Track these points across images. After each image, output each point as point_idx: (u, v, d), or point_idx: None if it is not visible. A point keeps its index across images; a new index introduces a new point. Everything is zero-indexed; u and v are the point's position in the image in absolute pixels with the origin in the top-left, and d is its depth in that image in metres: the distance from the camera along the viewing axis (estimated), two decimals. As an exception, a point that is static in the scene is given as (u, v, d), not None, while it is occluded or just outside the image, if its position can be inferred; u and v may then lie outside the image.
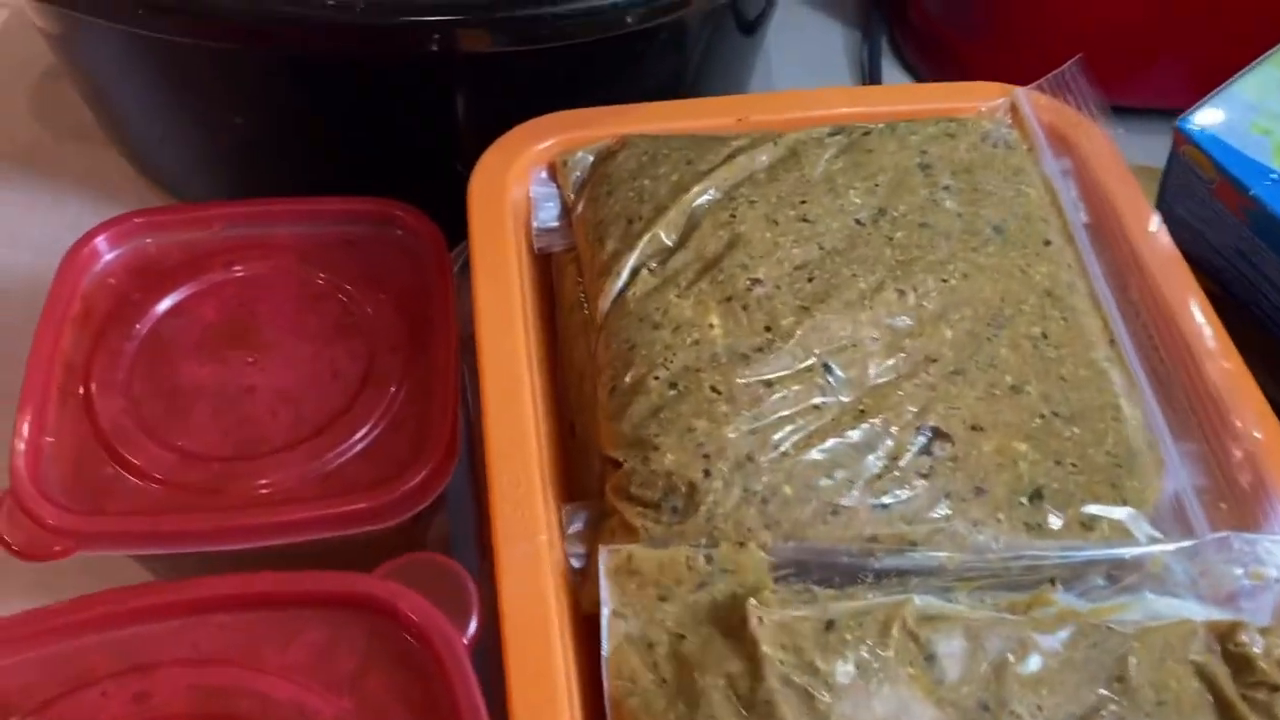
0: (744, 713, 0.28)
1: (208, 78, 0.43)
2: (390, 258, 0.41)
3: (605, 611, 0.30)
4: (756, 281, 0.36)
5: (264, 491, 0.35)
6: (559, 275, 0.40)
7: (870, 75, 0.61)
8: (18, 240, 0.52)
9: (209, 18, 0.37)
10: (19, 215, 0.53)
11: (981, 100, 0.43)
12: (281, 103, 0.45)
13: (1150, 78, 0.56)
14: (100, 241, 0.40)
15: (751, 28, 0.51)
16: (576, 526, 0.33)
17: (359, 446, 0.36)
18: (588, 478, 0.35)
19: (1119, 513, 0.32)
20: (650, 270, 0.37)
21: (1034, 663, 0.29)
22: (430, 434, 0.36)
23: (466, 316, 0.43)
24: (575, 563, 0.33)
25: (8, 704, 0.28)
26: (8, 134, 0.57)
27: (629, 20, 0.38)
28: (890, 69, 0.62)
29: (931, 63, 0.61)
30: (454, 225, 0.42)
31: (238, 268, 0.40)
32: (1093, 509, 0.32)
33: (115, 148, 0.55)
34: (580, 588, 0.32)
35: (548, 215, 0.40)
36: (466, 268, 0.45)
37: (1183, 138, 0.42)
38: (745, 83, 0.54)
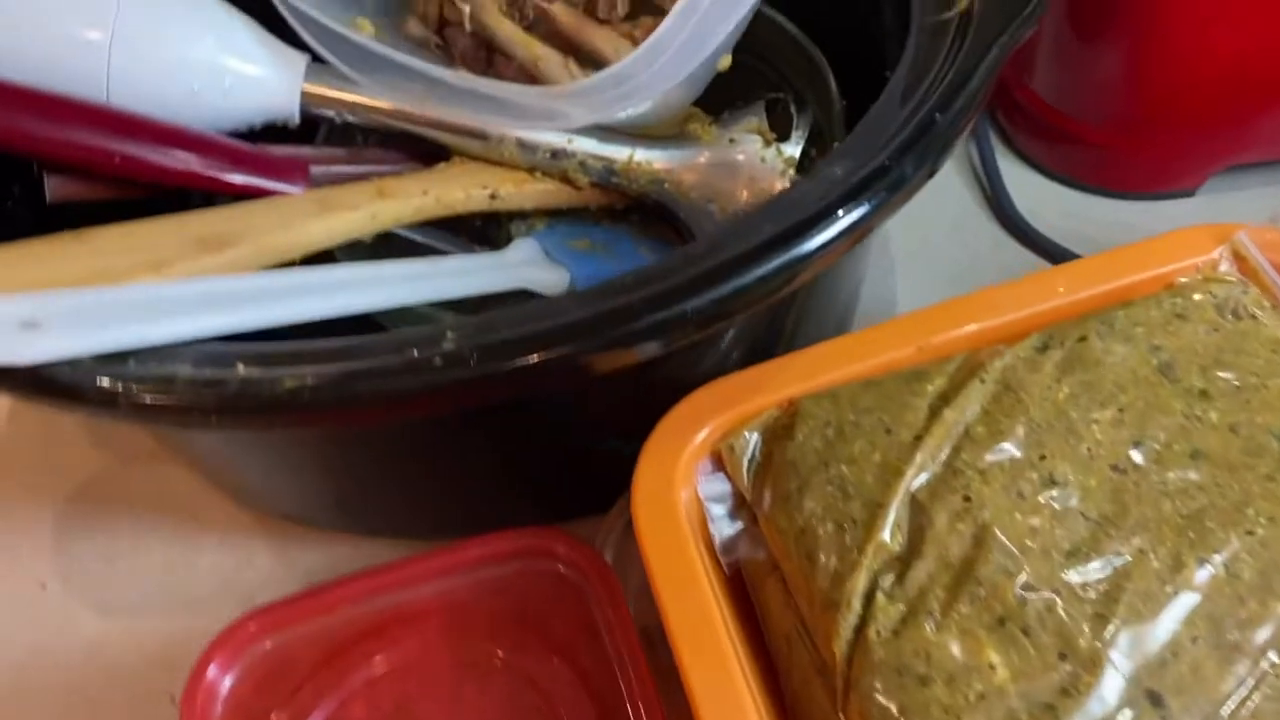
0: None
1: (314, 445, 0.38)
2: (551, 600, 0.35)
3: None
4: (1028, 589, 0.29)
5: None
6: (758, 590, 0.33)
7: (988, 173, 0.54)
8: (109, 605, 0.46)
9: (316, 420, 0.31)
10: (102, 574, 0.47)
11: (1194, 253, 0.36)
12: (403, 455, 0.39)
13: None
14: (213, 671, 0.34)
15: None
16: None
17: None
18: None
19: None
20: (887, 593, 0.30)
21: None
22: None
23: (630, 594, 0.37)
24: None
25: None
26: (70, 467, 0.51)
27: (782, 291, 0.32)
28: (1004, 159, 0.55)
29: (1050, 149, 0.54)
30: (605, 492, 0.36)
31: (378, 658, 0.34)
32: None
33: (188, 467, 0.49)
34: None
35: (725, 522, 0.34)
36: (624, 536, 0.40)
37: None
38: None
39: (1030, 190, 0.53)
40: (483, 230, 0.46)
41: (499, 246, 0.47)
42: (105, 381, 0.31)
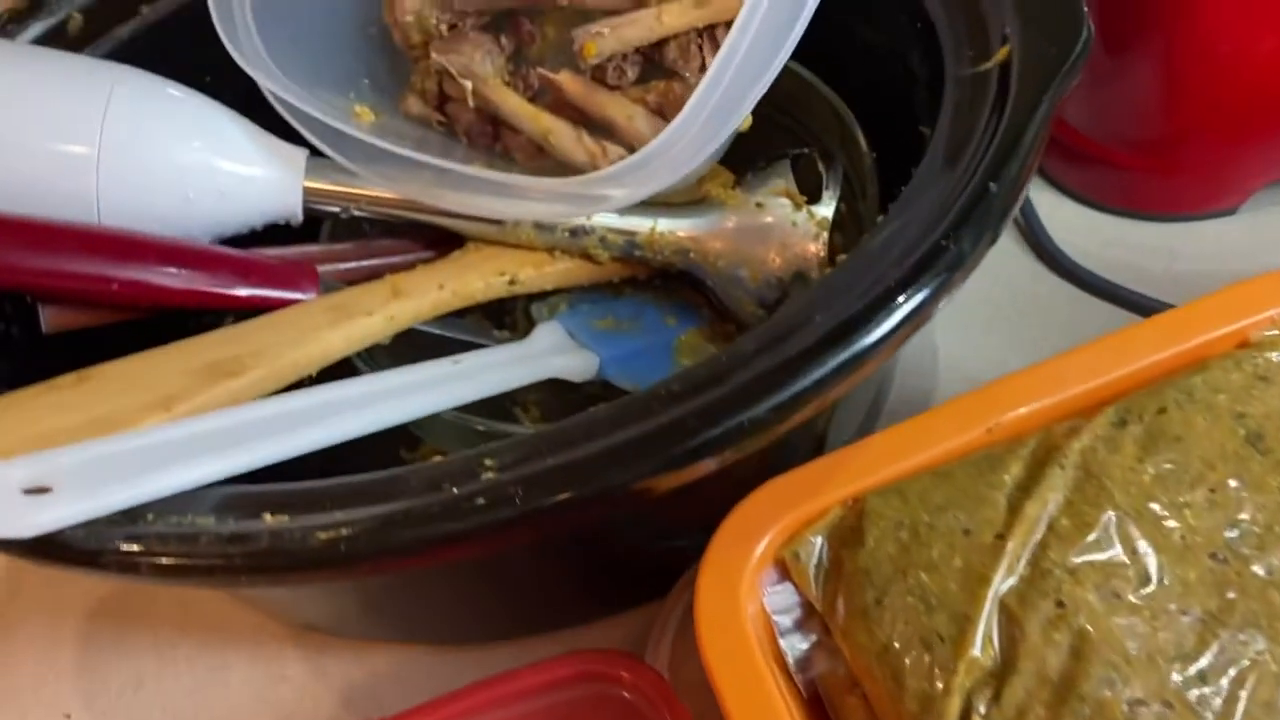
0: None
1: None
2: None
3: None
4: (1137, 704, 0.27)
5: None
6: (838, 709, 0.31)
7: (1021, 206, 0.51)
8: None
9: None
10: (127, 699, 0.45)
11: (1267, 304, 0.34)
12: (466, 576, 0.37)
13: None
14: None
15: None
16: None
17: None
18: None
19: None
20: (983, 716, 0.28)
21: None
22: None
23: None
24: None
25: None
26: (80, 585, 0.49)
27: (843, 389, 0.29)
28: (1035, 188, 0.52)
29: (1082, 174, 0.51)
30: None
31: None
32: None
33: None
34: None
35: (797, 637, 0.31)
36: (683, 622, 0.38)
37: None
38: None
39: (1065, 218, 0.51)
40: (499, 308, 0.44)
41: (517, 324, 0.45)
42: (123, 545, 0.29)
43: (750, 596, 0.31)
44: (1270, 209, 0.50)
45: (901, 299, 0.30)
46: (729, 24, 0.34)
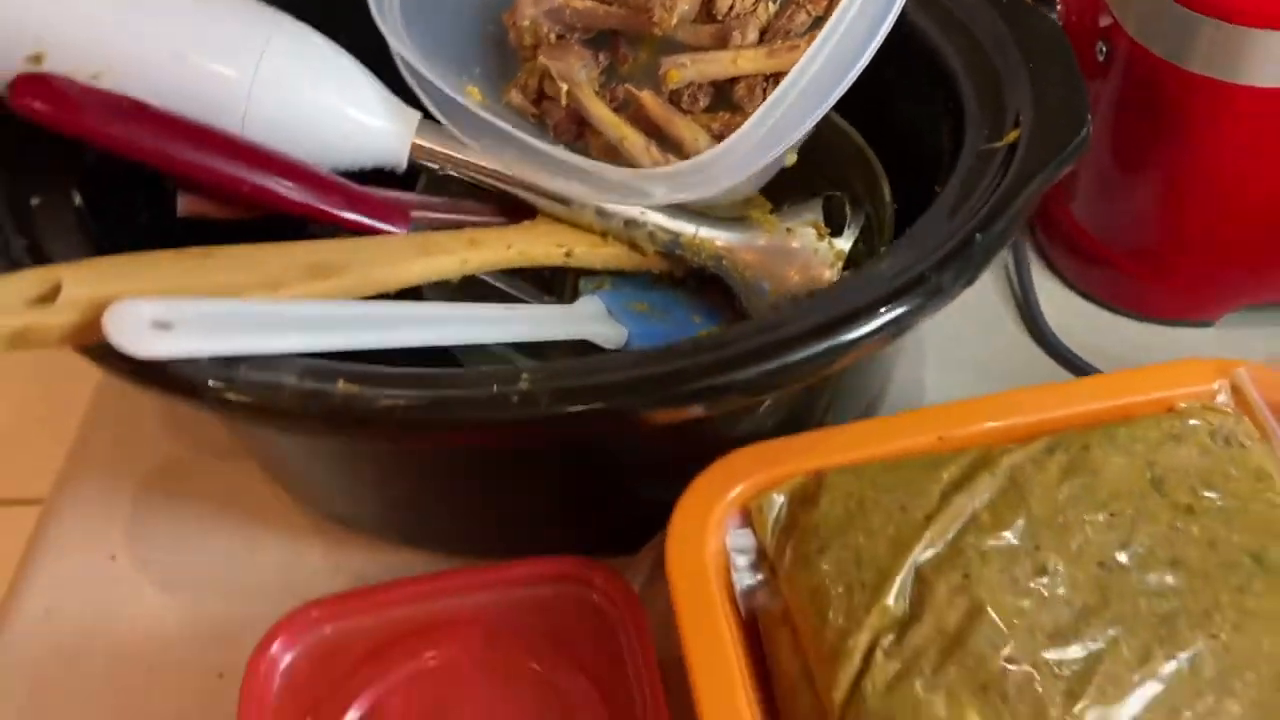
0: None
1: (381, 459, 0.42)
2: (585, 629, 0.39)
3: None
4: (1011, 661, 0.32)
5: None
6: (770, 638, 0.37)
7: (1021, 283, 0.58)
8: (173, 584, 0.51)
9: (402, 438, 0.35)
10: (169, 552, 0.52)
11: (1196, 382, 0.40)
12: (458, 476, 0.43)
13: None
14: (277, 648, 0.38)
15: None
16: None
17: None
18: None
19: None
20: (886, 651, 0.33)
21: None
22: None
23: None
24: None
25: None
26: (143, 455, 0.56)
27: (821, 373, 0.36)
28: (1038, 272, 0.59)
29: (1082, 269, 0.58)
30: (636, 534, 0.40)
31: (422, 655, 0.38)
32: None
33: (256, 463, 0.53)
34: None
35: (747, 573, 0.37)
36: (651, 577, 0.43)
37: None
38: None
39: (1059, 302, 0.57)
40: (551, 279, 0.51)
41: (564, 296, 0.51)
42: (219, 383, 0.35)
43: (715, 532, 0.37)
44: (1242, 327, 0.55)
45: (883, 310, 0.36)
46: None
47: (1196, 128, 0.49)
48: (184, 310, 0.36)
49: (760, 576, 0.37)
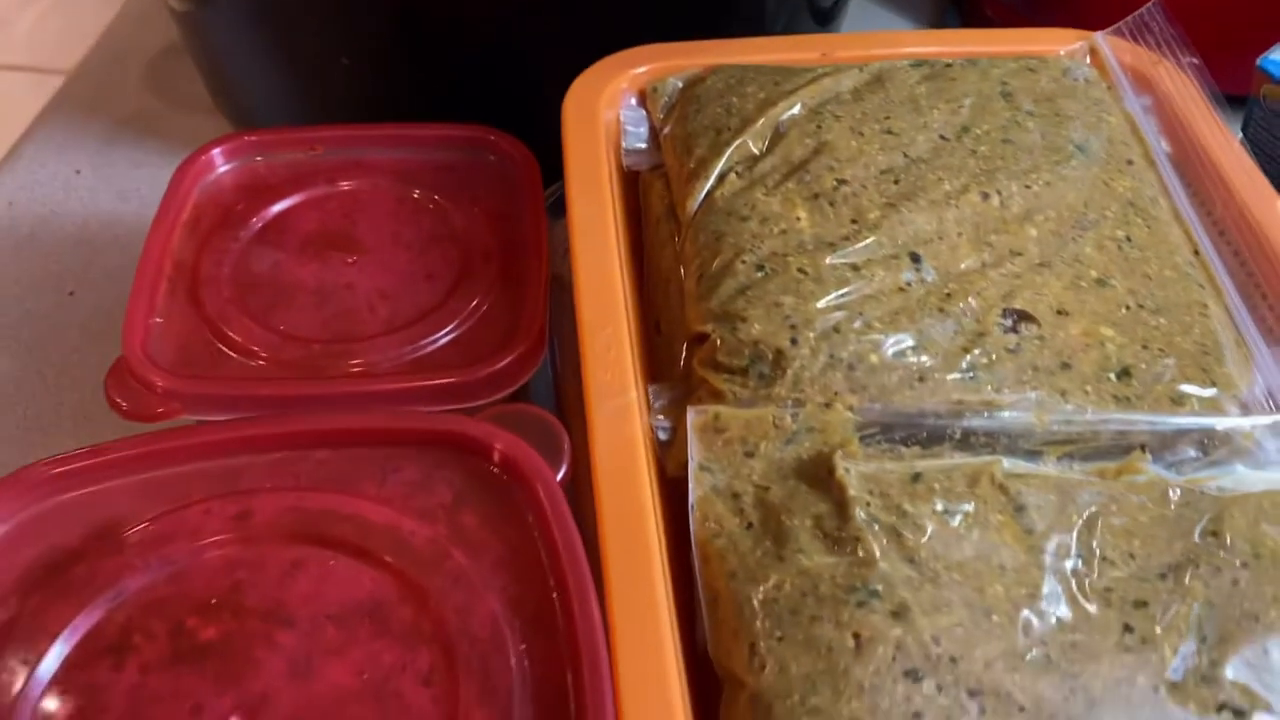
0: (832, 548, 0.28)
1: (317, 19, 0.46)
2: (485, 180, 0.43)
3: (692, 465, 0.31)
4: (843, 182, 0.37)
5: (358, 370, 0.36)
6: (646, 192, 0.41)
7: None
8: (128, 195, 0.55)
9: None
10: (128, 172, 0.56)
11: (1061, 45, 0.44)
12: (387, 36, 0.47)
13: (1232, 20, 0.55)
14: (215, 154, 0.42)
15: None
16: (661, 403, 0.34)
17: (451, 335, 0.38)
18: (672, 370, 0.36)
19: (1208, 392, 0.32)
20: (738, 174, 0.38)
21: (1125, 516, 0.29)
22: (520, 327, 0.37)
23: (556, 255, 0.45)
24: (661, 435, 0.33)
25: (118, 519, 0.29)
26: (122, 102, 0.60)
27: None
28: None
29: (1010, 18, 0.61)
30: (544, 153, 0.43)
31: (341, 183, 0.42)
32: (1182, 387, 0.32)
33: (222, 115, 0.58)
34: (666, 454, 0.32)
35: (637, 138, 0.42)
36: (557, 206, 0.47)
37: (1264, 76, 0.42)
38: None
39: None
40: None
41: None
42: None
43: (612, 104, 0.42)
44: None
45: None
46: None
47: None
48: None
49: (644, 146, 0.42)
